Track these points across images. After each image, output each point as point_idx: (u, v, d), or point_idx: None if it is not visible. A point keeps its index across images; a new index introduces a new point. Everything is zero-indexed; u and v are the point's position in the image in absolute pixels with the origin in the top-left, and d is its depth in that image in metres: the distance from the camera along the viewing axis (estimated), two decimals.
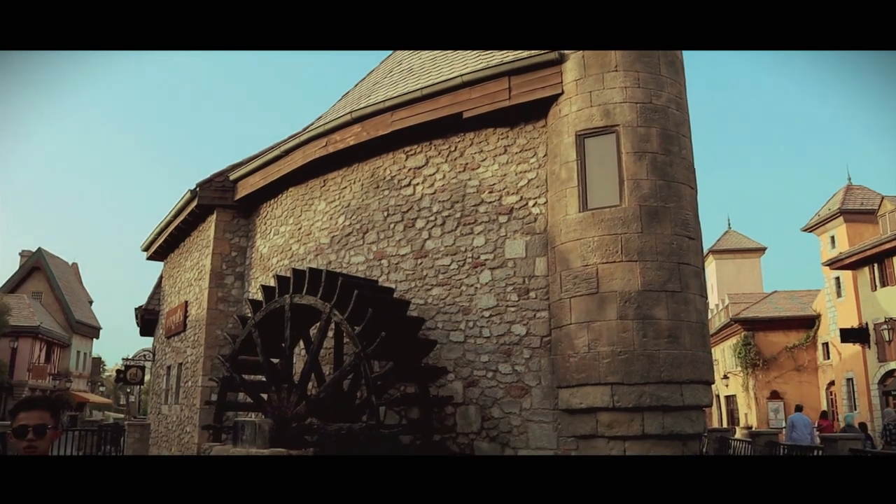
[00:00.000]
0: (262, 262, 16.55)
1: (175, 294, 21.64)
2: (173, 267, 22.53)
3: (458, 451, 11.33)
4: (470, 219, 11.91)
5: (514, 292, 11.22)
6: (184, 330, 19.54)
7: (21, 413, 3.07)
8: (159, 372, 23.19)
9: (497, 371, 11.17)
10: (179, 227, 19.83)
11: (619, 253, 10.11)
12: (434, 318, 11.96)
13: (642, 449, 9.86)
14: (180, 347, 19.93)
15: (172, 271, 22.62)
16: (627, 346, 9.85)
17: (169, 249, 22.77)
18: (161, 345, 23.28)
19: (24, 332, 41.13)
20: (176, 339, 20.58)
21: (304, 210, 15.35)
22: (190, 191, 17.69)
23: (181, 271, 21.11)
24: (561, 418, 10.53)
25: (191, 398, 17.80)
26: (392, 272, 12.80)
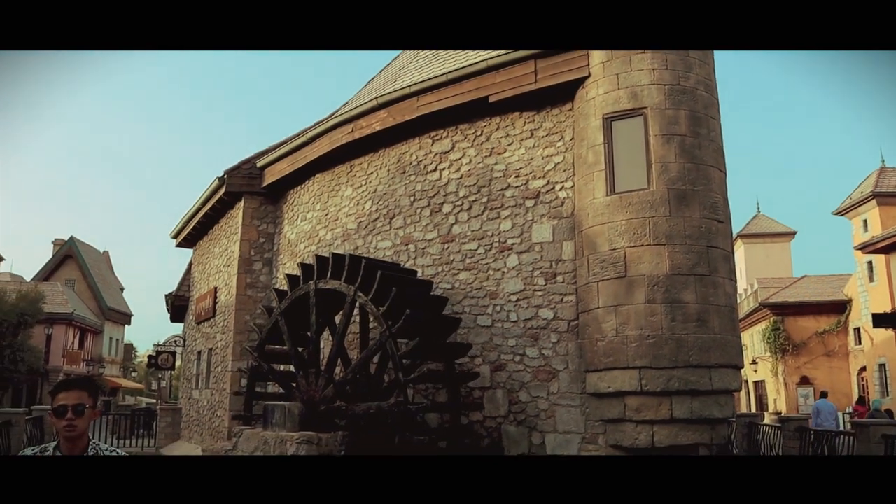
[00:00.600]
0: (290, 248, 16.68)
1: (204, 280, 21.90)
2: (202, 254, 22.79)
3: (486, 435, 11.38)
4: (496, 203, 11.90)
5: (541, 276, 11.21)
6: (213, 316, 19.78)
7: (61, 393, 3.15)
8: (190, 357, 23.53)
9: (524, 355, 11.18)
10: (208, 214, 20.04)
11: (648, 236, 10.04)
12: (461, 302, 11.99)
13: (670, 433, 9.83)
14: (210, 333, 20.19)
15: (201, 258, 22.89)
16: (656, 330, 9.80)
17: (198, 237, 23.04)
18: (191, 330, 23.60)
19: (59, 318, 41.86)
20: (206, 325, 20.85)
21: (330, 196, 15.43)
22: (218, 178, 17.86)
23: (210, 258, 21.35)
24: (588, 402, 10.53)
25: (221, 383, 18.05)
26: (419, 257, 12.84)
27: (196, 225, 21.60)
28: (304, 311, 11.97)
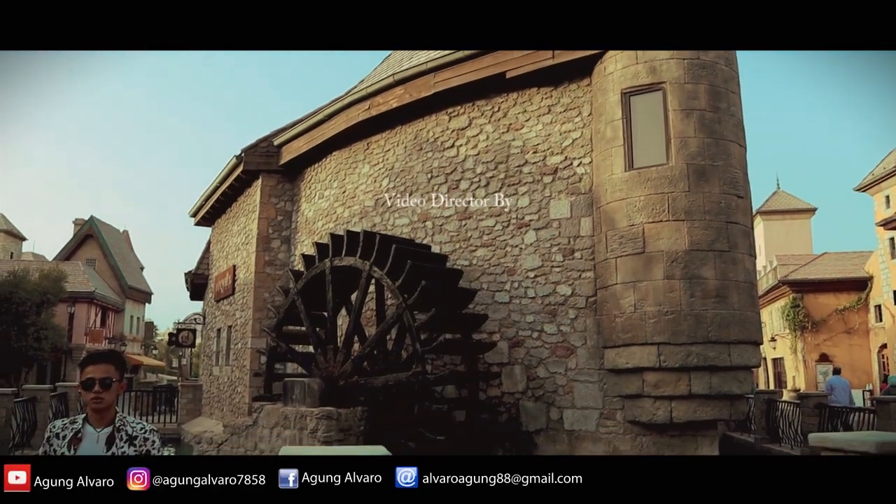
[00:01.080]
0: (308, 225, 16.74)
1: (223, 259, 22.06)
2: (221, 232, 22.93)
3: (505, 410, 11.44)
4: (514, 179, 11.87)
5: (558, 252, 11.19)
6: (232, 293, 19.94)
7: (88, 366, 3.21)
8: (210, 335, 23.76)
9: (542, 331, 11.20)
10: (226, 192, 20.15)
11: (666, 212, 9.99)
12: (479, 278, 12.01)
13: (688, 409, 9.84)
14: (229, 311, 20.37)
15: (220, 236, 23.03)
16: (674, 306, 9.78)
17: (216, 215, 23.17)
18: (211, 308, 23.82)
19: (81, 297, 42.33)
20: (225, 303, 21.03)
21: (348, 173, 15.45)
22: (235, 157, 17.93)
23: (228, 236, 21.49)
24: (607, 378, 10.55)
25: (241, 360, 18.24)
26: (436, 234, 12.85)
27: (214, 203, 21.72)
28: (320, 289, 12.05)
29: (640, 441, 10.31)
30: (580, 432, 10.76)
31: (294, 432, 10.53)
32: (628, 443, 10.38)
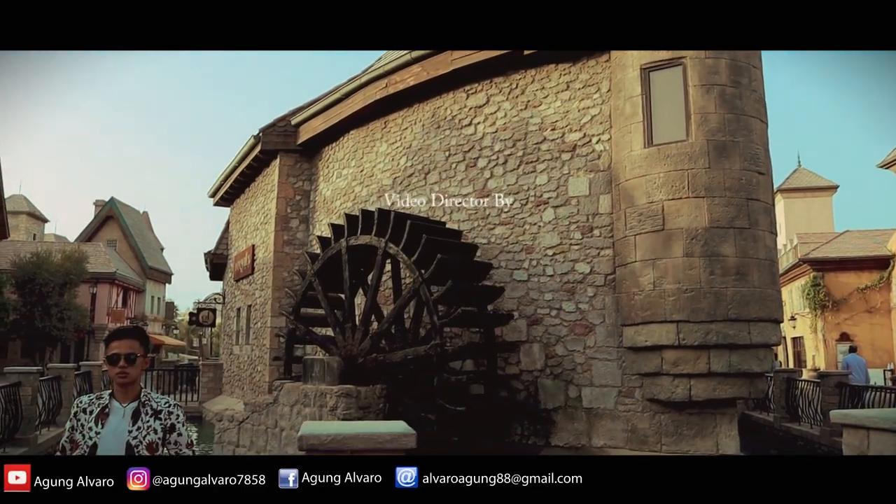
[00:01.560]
0: (326, 204, 16.78)
1: (242, 238, 22.19)
2: (240, 212, 23.05)
3: (523, 388, 11.48)
4: (532, 157, 11.81)
5: (577, 230, 11.15)
6: (252, 273, 20.08)
7: (113, 342, 3.26)
8: (229, 314, 23.96)
9: (561, 309, 11.19)
10: (244, 172, 20.23)
11: (686, 189, 9.91)
12: (497, 257, 12.00)
13: (708, 387, 9.81)
14: (249, 290, 20.52)
15: (239, 216, 23.15)
16: (694, 284, 9.73)
17: (235, 195, 23.28)
18: (230, 288, 23.99)
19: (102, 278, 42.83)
20: (244, 282, 21.18)
21: (365, 152, 15.44)
22: (253, 136, 17.98)
23: (247, 216, 21.60)
24: (625, 356, 10.54)
25: (261, 338, 18.39)
26: (454, 212, 12.84)
27: (233, 183, 21.82)
28: (337, 270, 12.12)
29: (659, 419, 10.30)
30: (598, 410, 10.77)
31: (314, 410, 10.62)
32: (647, 421, 10.38)
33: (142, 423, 3.17)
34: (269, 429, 11.73)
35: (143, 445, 3.13)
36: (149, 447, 3.13)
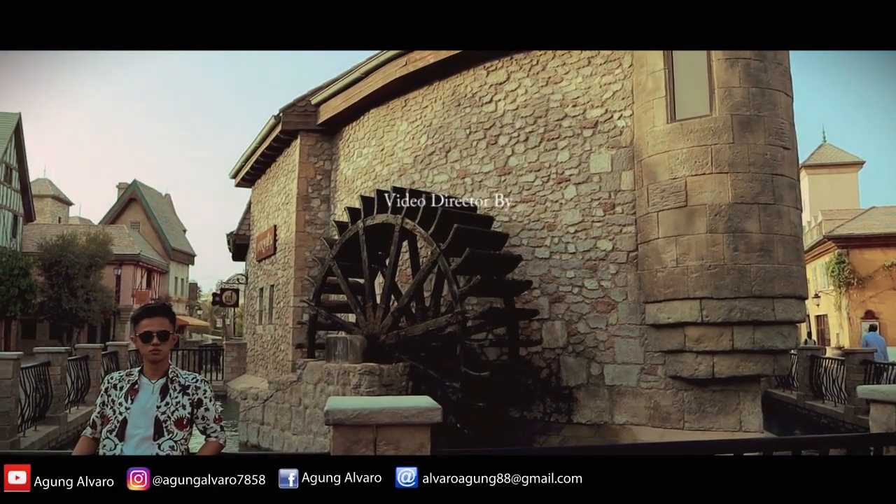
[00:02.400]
0: (347, 184, 16.82)
1: (264, 219, 22.31)
2: (261, 192, 23.16)
3: (545, 366, 11.49)
4: (553, 134, 11.74)
5: (599, 207, 11.09)
6: (274, 253, 20.21)
7: (144, 320, 3.30)
8: (252, 294, 24.16)
9: (583, 286, 11.17)
10: (265, 153, 20.30)
11: (709, 165, 9.80)
12: (518, 234, 11.97)
13: (731, 364, 9.76)
14: (271, 270, 20.66)
15: (260, 197, 23.27)
16: (717, 260, 9.65)
17: (256, 176, 23.39)
18: (253, 268, 24.17)
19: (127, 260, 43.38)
20: (267, 262, 21.32)
21: (386, 131, 15.43)
22: (274, 117, 18.02)
23: (269, 196, 21.70)
24: (648, 333, 10.51)
25: (283, 318, 18.54)
26: (476, 190, 12.81)
27: (254, 164, 21.92)
28: (357, 253, 12.20)
29: (682, 396, 10.28)
30: (621, 387, 10.76)
31: (337, 388, 10.71)
32: (669, 398, 10.36)
33: (170, 398, 3.21)
34: (293, 406, 11.85)
35: (172, 420, 3.17)
36: (177, 422, 3.17)
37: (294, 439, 11.53)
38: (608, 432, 10.66)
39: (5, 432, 9.87)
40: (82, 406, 14.64)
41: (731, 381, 10.01)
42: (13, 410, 10.23)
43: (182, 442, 3.16)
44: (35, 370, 11.92)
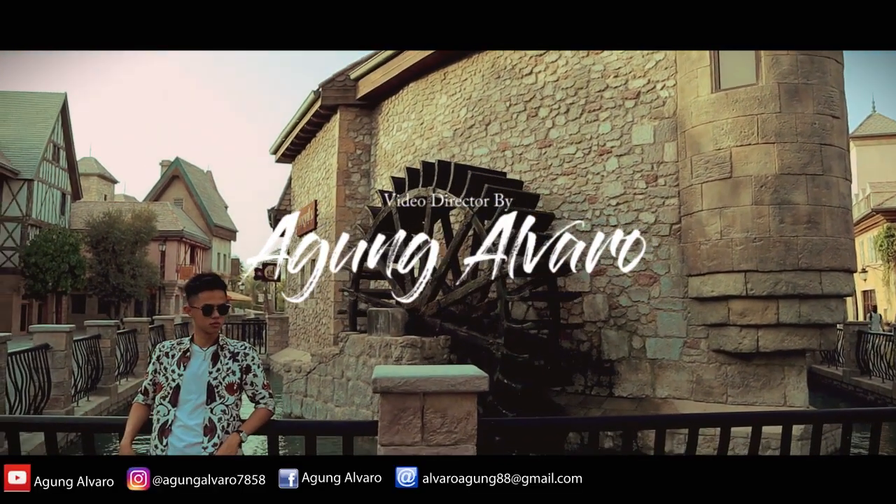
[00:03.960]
0: (387, 158, 16.85)
1: (304, 194, 22.49)
2: (301, 168, 23.33)
3: (586, 339, 11.46)
4: (595, 105, 11.59)
5: (641, 179, 10.96)
6: (315, 228, 20.37)
7: (204, 293, 3.33)
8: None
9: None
10: (305, 128, 20.40)
11: (755, 135, 9.60)
12: (559, 207, 11.90)
13: (776, 338, 9.63)
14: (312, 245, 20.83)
15: (301, 172, 23.44)
16: (763, 233, 9.49)
17: (296, 151, 23.54)
18: (294, 243, 24.42)
19: (171, 236, 44.16)
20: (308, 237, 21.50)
21: (425, 105, 15.39)
22: (314, 92, 18.08)
23: (309, 171, 21.85)
24: (690, 306, 10.40)
25: (325, 292, 18.72)
26: (516, 163, 12.74)
27: (294, 140, 22.06)
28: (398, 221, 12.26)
29: (725, 370, 10.18)
30: (663, 361, 10.70)
31: (379, 360, 10.82)
32: (712, 372, 10.27)
33: (221, 364, 3.27)
34: (335, 379, 12.01)
35: (223, 386, 3.22)
36: (228, 388, 3.23)
37: (337, 411, 11.70)
38: (650, 406, 10.62)
39: (60, 402, 10.19)
40: (131, 378, 15.05)
41: (775, 356, 9.88)
42: (67, 381, 10.56)
43: (233, 406, 3.22)
44: (86, 343, 12.27)
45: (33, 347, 9.72)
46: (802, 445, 7.27)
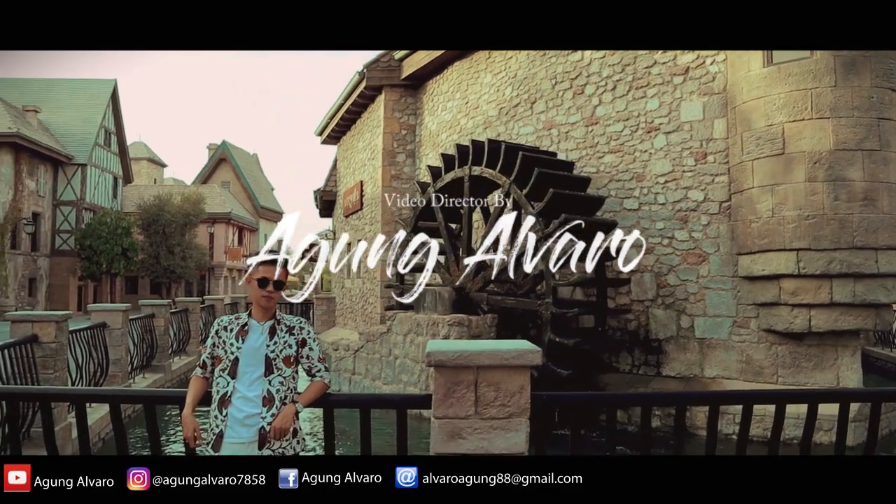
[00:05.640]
0: (432, 138, 16.86)
1: (350, 175, 22.66)
2: (347, 149, 23.48)
3: (633, 318, 11.38)
4: (642, 82, 11.42)
5: (690, 156, 10.79)
6: (361, 208, 20.54)
7: (263, 266, 3.42)
8: None
9: (673, 238, 10.95)
10: (350, 109, 20.51)
11: (809, 110, 9.37)
12: (606, 185, 11.79)
13: (829, 318, 9.44)
14: (358, 225, 21.02)
15: (346, 153, 23.60)
16: (816, 210, 9.28)
17: (341, 132, 23.69)
18: (340, 224, 24.65)
19: (219, 218, 44.93)
20: (354, 218, 21.70)
21: (470, 84, 15.34)
22: (358, 73, 18.14)
23: (354, 152, 21.98)
24: (740, 285, 10.25)
25: (371, 272, 18.88)
26: (562, 141, 12.65)
27: (339, 121, 22.19)
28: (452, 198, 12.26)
29: (776, 350, 10.03)
30: (711, 341, 10.58)
31: (426, 338, 10.91)
32: (762, 352, 10.13)
33: (278, 338, 3.35)
34: (383, 357, 12.15)
35: (280, 358, 3.29)
36: (285, 360, 3.30)
37: (385, 389, 11.85)
38: (698, 385, 10.53)
39: (118, 378, 10.53)
40: (184, 356, 15.43)
41: (828, 336, 9.70)
42: (124, 358, 10.90)
43: (290, 378, 3.29)
44: (141, 321, 12.61)
45: (92, 325, 10.03)
46: (856, 427, 7.16)
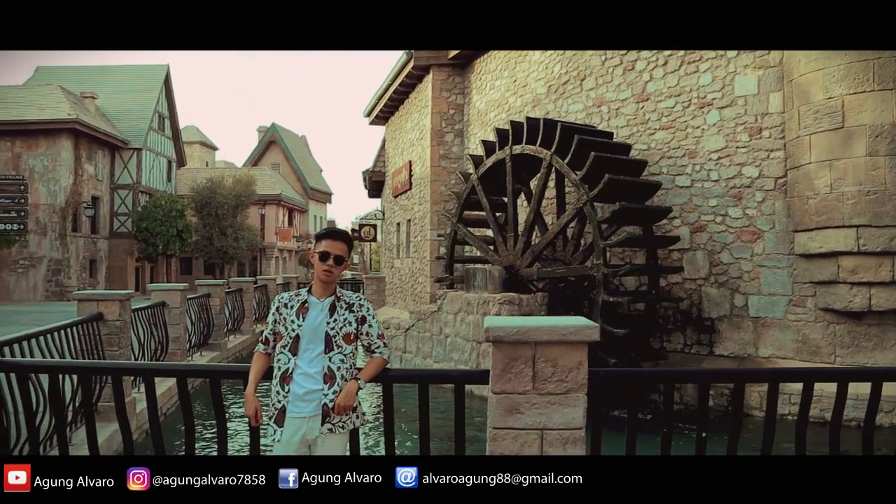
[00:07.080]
0: (480, 117, 16.82)
1: (398, 155, 22.75)
2: (395, 129, 23.57)
3: (686, 297, 11.25)
4: (694, 56, 11.20)
5: (744, 132, 10.57)
6: (409, 188, 20.64)
7: (326, 241, 3.45)
8: (389, 229, 24.86)
9: (726, 215, 10.77)
10: (398, 90, 20.55)
11: (871, 81, 9.08)
12: (658, 162, 11.63)
13: (891, 296, 9.20)
14: (407, 205, 21.14)
15: (394, 133, 23.69)
16: (877, 185, 9.03)
17: (389, 113, 23.77)
18: (389, 204, 24.81)
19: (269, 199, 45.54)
20: (403, 198, 21.82)
21: (517, 62, 15.23)
22: (406, 53, 18.17)
23: (402, 133, 22.06)
24: (797, 263, 10.05)
25: (421, 251, 19.02)
26: (612, 118, 12.50)
27: (387, 102, 22.26)
28: (500, 176, 12.21)
29: (833, 330, 9.83)
30: (766, 319, 10.41)
31: (477, 317, 10.96)
32: (819, 331, 9.93)
33: (338, 315, 3.39)
34: (433, 335, 12.25)
35: (340, 335, 3.34)
36: (345, 337, 3.35)
37: (435, 366, 11.96)
38: (752, 365, 10.39)
39: (178, 355, 10.86)
40: (239, 334, 15.79)
41: (889, 315, 9.45)
42: (182, 336, 11.22)
43: (350, 356, 3.35)
44: (198, 301, 12.93)
45: (152, 304, 10.33)
46: None
